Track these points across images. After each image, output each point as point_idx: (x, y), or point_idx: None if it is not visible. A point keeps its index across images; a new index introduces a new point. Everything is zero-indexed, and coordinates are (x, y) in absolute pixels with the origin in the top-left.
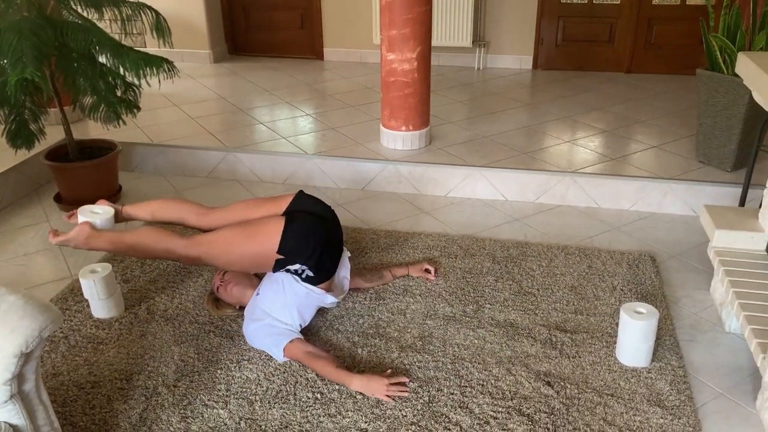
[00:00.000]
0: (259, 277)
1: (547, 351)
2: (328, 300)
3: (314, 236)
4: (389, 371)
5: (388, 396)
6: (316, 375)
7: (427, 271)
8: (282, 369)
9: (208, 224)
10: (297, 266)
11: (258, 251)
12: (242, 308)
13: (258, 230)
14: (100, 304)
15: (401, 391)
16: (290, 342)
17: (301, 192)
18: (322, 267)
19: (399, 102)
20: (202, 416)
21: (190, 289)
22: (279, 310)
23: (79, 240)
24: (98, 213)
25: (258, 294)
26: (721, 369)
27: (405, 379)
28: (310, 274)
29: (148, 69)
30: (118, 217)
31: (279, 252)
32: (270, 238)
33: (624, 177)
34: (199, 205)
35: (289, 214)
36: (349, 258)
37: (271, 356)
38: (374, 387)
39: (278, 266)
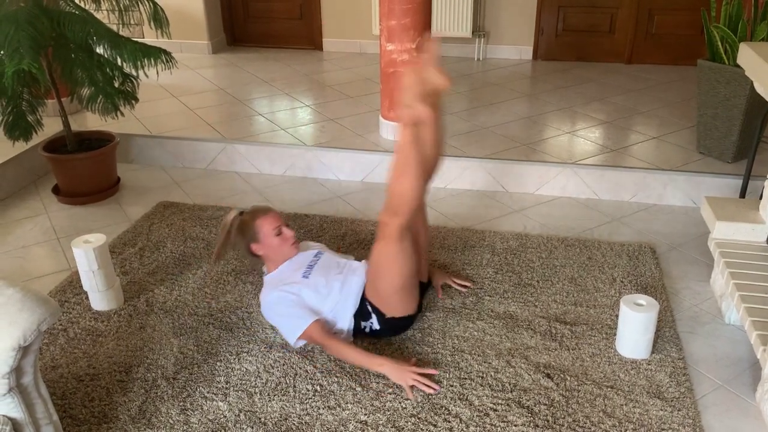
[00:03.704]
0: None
1: (547, 343)
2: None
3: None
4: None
5: (414, 385)
6: (317, 368)
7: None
8: (281, 361)
9: None
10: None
11: (402, 299)
12: (254, 270)
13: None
14: (99, 296)
15: (428, 386)
16: (311, 324)
17: None
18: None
19: (399, 93)
20: (202, 408)
21: (189, 281)
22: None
23: None
24: (91, 242)
25: (307, 277)
26: (720, 361)
27: (434, 372)
28: (376, 327)
29: (146, 60)
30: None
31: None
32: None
33: (624, 168)
34: None
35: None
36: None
37: (270, 348)
38: (404, 374)
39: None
